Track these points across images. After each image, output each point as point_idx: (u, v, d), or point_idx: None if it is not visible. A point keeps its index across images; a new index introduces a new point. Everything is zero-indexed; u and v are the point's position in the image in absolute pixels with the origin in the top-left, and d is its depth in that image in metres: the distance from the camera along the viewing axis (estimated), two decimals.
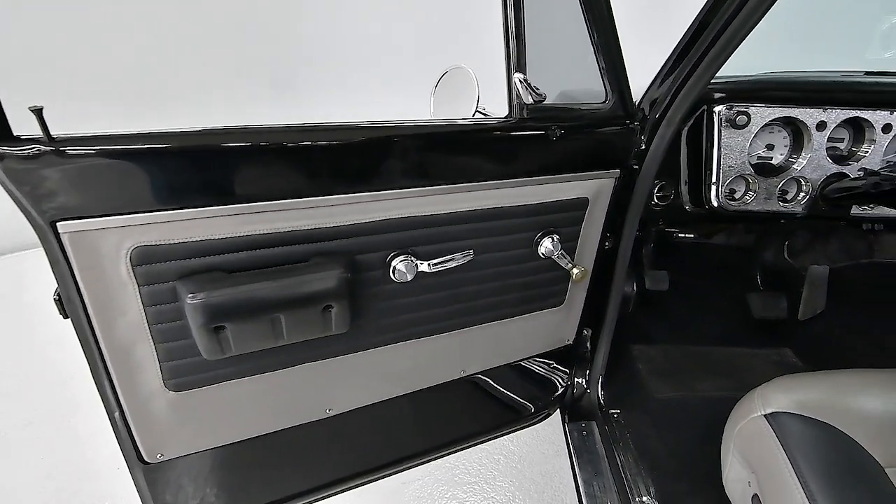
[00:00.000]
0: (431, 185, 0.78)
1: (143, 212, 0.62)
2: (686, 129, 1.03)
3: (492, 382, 1.12)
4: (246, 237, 0.68)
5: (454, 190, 0.80)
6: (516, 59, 0.77)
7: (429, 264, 0.80)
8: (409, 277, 0.80)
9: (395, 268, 0.80)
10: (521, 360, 1.13)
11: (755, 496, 0.76)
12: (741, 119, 0.97)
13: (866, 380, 0.80)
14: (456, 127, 0.80)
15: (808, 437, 0.71)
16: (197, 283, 0.66)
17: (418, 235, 0.81)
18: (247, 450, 0.87)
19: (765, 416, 0.77)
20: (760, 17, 0.73)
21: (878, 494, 0.65)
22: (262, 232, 0.69)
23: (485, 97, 0.91)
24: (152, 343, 0.70)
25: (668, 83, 0.89)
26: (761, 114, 0.98)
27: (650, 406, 1.30)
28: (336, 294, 0.73)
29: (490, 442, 1.22)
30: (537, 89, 0.79)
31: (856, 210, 1.04)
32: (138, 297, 0.66)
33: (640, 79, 0.95)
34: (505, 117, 0.83)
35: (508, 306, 0.99)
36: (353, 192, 0.73)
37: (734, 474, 0.82)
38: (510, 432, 1.23)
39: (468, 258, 0.84)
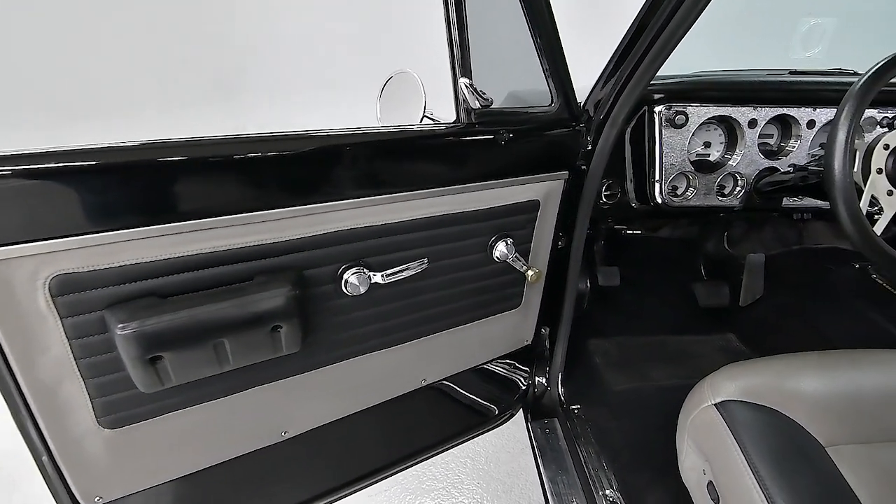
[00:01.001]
0: (382, 194, 0.76)
1: (63, 237, 0.56)
2: (629, 129, 1.06)
3: (455, 387, 1.11)
4: (182, 258, 0.64)
5: (405, 198, 0.78)
6: (461, 64, 0.76)
7: (382, 275, 0.78)
8: (363, 290, 0.77)
9: (347, 281, 0.77)
10: (482, 363, 1.12)
11: (710, 483, 0.79)
12: (680, 119, 1.01)
13: (803, 363, 0.85)
14: (405, 134, 0.78)
15: (755, 424, 0.75)
16: (128, 311, 0.61)
17: (370, 246, 0.79)
18: (197, 482, 0.82)
19: (715, 405, 0.80)
20: (695, 19, 0.75)
21: (821, 474, 0.69)
22: (199, 252, 0.65)
23: (432, 100, 0.90)
24: (81, 379, 0.64)
25: (610, 85, 0.91)
26: (698, 113, 1.02)
27: (609, 399, 1.33)
28: (284, 313, 0.69)
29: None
30: (483, 94, 0.78)
31: (787, 201, 1.11)
32: (61, 330, 0.60)
33: (583, 78, 0.97)
34: (453, 122, 0.82)
35: (466, 312, 0.98)
36: (301, 205, 0.70)
37: (689, 463, 0.85)
38: (476, 436, 1.23)
39: (423, 267, 0.82)
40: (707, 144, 1.10)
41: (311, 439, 0.91)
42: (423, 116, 0.88)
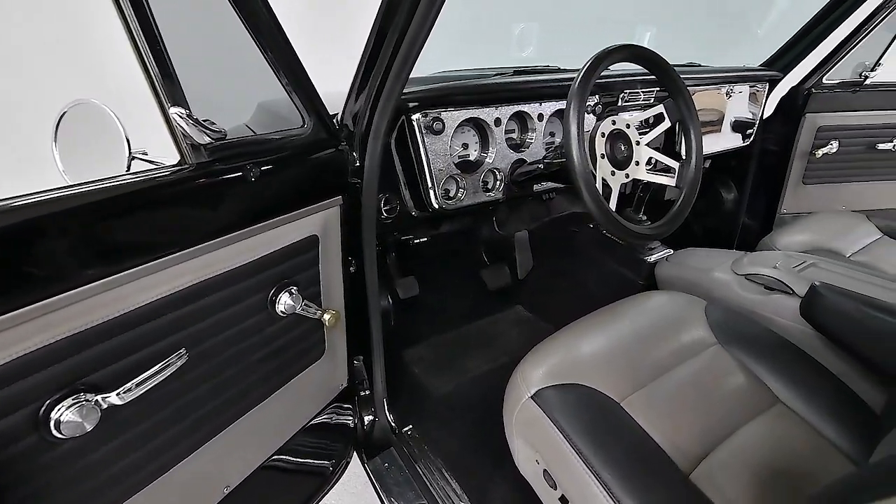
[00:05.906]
0: (93, 281, 0.53)
1: None
2: (393, 139, 1.02)
3: (278, 461, 0.93)
4: None
5: (132, 277, 0.57)
6: (167, 91, 0.57)
7: (118, 394, 0.55)
8: (90, 426, 0.53)
9: (58, 421, 0.52)
10: (297, 431, 0.96)
11: (545, 471, 0.82)
12: (437, 125, 1.01)
13: (581, 330, 0.96)
14: (112, 190, 0.55)
15: (565, 405, 0.80)
16: None
17: (89, 358, 0.55)
18: None
19: (531, 397, 0.83)
20: (433, 21, 0.71)
21: (624, 431, 0.77)
22: None
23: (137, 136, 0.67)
24: None
25: (363, 96, 0.84)
26: (452, 117, 1.04)
27: (436, 407, 1.32)
28: None
29: None
30: (212, 124, 0.61)
31: (536, 186, 1.25)
32: None
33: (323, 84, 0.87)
34: (178, 164, 0.63)
35: (259, 386, 0.81)
36: None
37: (523, 455, 0.88)
38: (319, 501, 1.07)
39: (182, 360, 0.62)
40: (465, 146, 1.15)
41: None
42: (132, 159, 0.66)
